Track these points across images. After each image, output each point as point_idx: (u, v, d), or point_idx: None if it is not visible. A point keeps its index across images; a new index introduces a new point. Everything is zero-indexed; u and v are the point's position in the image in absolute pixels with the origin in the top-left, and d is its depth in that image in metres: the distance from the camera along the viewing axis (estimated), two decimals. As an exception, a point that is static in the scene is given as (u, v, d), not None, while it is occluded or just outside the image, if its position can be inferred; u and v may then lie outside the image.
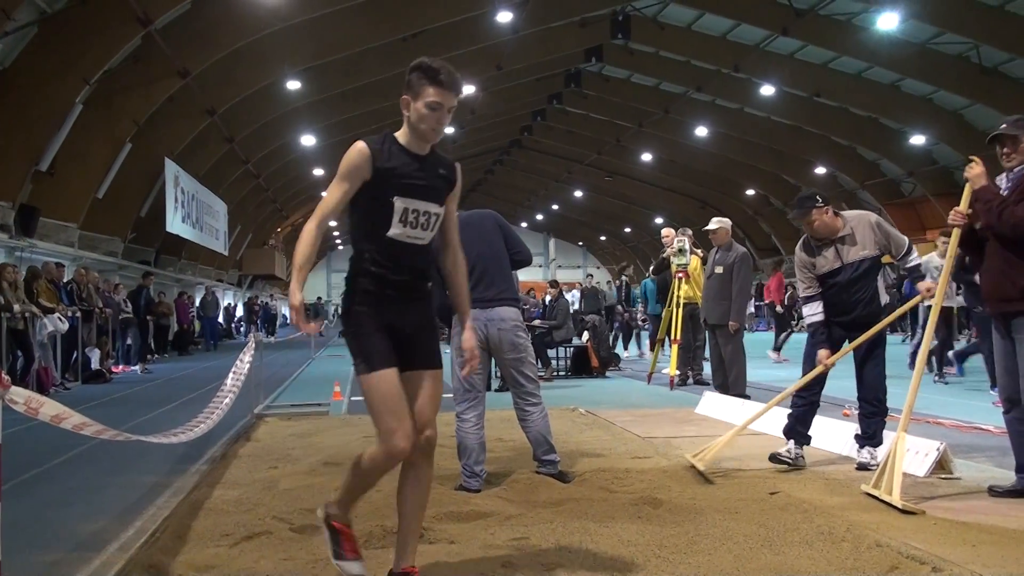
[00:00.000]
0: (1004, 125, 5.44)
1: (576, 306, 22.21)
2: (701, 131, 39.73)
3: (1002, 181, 5.50)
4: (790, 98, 35.97)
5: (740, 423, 7.16)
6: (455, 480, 6.02)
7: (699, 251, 13.98)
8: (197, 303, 32.47)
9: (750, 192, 48.67)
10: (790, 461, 6.48)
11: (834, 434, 7.29)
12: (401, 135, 4.01)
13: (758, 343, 20.99)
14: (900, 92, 33.94)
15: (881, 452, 6.20)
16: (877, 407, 6.45)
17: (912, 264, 6.55)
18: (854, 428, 6.86)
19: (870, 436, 6.47)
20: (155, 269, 31.07)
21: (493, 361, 6.55)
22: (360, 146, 3.88)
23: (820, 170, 41.74)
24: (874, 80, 33.57)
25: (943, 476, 6.04)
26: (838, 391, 11.92)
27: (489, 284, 5.99)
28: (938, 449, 6.12)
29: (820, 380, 6.60)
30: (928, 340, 6.17)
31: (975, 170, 5.50)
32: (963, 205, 5.68)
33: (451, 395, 6.17)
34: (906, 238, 6.71)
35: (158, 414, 11.01)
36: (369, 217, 3.82)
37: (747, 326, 15.98)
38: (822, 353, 6.43)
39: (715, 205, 47.27)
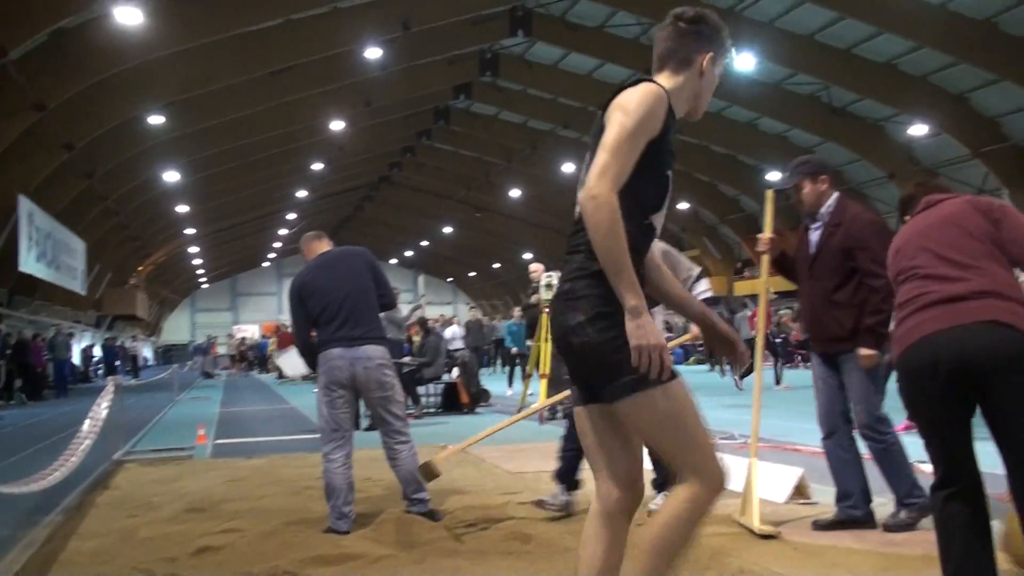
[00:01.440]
0: (782, 177, 5.51)
1: (458, 342, 22.01)
2: (568, 167, 40.34)
3: (815, 235, 5.49)
4: (654, 136, 36.86)
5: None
6: (323, 523, 5.91)
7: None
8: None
9: (617, 227, 49.56)
10: (556, 509, 6.10)
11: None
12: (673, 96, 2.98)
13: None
14: (757, 130, 35.22)
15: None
16: None
17: (699, 293, 6.24)
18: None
19: None
20: (7, 311, 29.75)
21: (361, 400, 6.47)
22: (657, 89, 2.90)
23: (683, 205, 42.83)
24: (732, 119, 34.73)
25: (802, 501, 6.22)
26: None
27: (356, 323, 5.94)
28: (796, 475, 6.31)
29: None
30: (760, 369, 6.29)
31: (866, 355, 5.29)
32: (767, 231, 5.72)
33: (317, 435, 6.09)
34: (697, 267, 6.46)
35: (6, 465, 10.50)
36: (635, 193, 2.85)
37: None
38: None
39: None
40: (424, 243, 64.99)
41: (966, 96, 28.46)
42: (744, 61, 27.69)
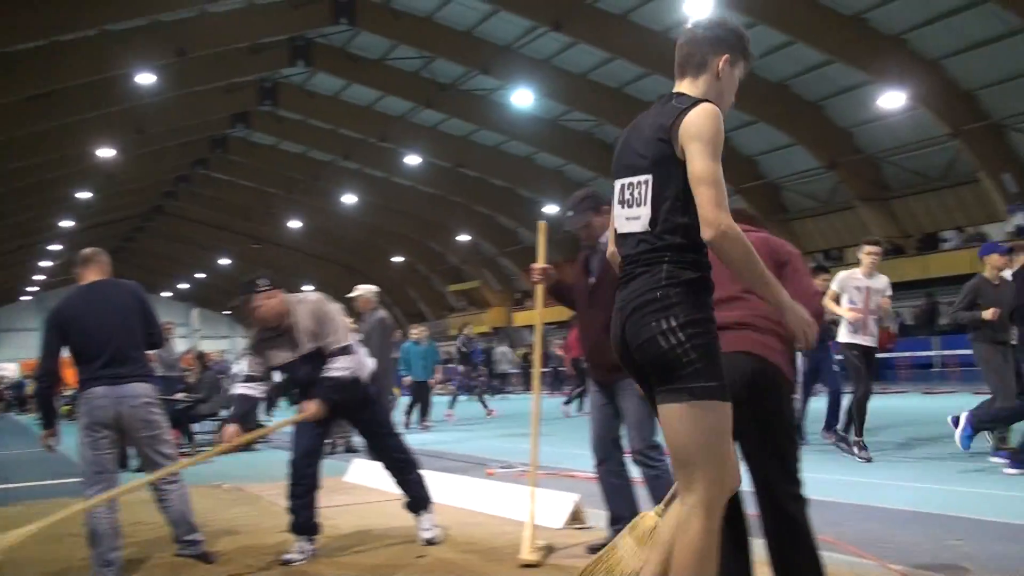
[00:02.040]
0: (569, 216, 5.47)
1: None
2: (349, 199, 40.18)
3: (595, 264, 5.50)
4: (434, 168, 37.24)
5: (391, 489, 7.16)
6: (86, 571, 5.58)
7: (346, 319, 14.02)
8: None
9: (398, 259, 49.65)
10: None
11: (477, 494, 7.51)
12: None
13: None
14: (535, 164, 36.17)
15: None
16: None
17: (331, 369, 5.75)
18: (497, 487, 7.08)
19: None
20: None
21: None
22: (714, 108, 3.05)
23: (463, 238, 43.38)
24: (511, 153, 35.53)
25: (578, 527, 6.36)
26: (480, 450, 12.34)
27: (123, 360, 5.65)
28: (572, 501, 6.46)
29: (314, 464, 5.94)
30: (537, 397, 6.18)
31: None
32: (540, 261, 5.72)
33: (80, 479, 5.76)
34: (349, 340, 5.92)
35: None
36: (692, 210, 3.01)
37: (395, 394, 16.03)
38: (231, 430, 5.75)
39: (363, 272, 47.81)
40: (200, 275, 62.86)
41: (727, 136, 30.03)
42: (522, 97, 28.40)
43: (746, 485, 3.69)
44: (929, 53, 23.68)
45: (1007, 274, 8.60)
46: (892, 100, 24.04)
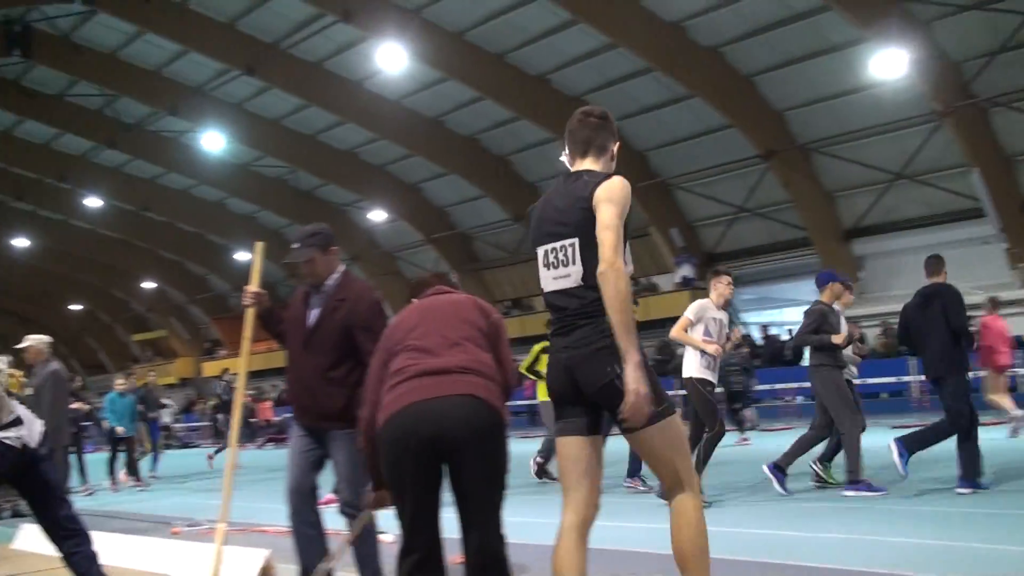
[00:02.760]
0: (294, 247, 5.26)
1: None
2: (22, 242, 37.25)
3: (315, 307, 5.21)
4: (118, 211, 35.42)
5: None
6: None
7: (16, 371, 12.96)
8: None
9: (76, 307, 46.56)
10: None
11: (161, 555, 7.13)
12: None
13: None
14: (226, 210, 35.21)
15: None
16: None
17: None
18: (182, 547, 6.75)
19: None
20: None
21: None
22: (624, 180, 3.71)
23: (149, 285, 41.41)
24: (201, 197, 34.43)
25: (265, 584, 6.16)
26: (167, 508, 11.73)
27: None
28: (263, 557, 6.26)
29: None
30: (235, 444, 5.94)
31: None
32: (254, 284, 5.41)
33: None
34: (13, 414, 5.31)
35: None
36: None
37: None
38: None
39: (36, 320, 44.39)
40: None
41: (420, 186, 30.72)
42: (213, 141, 27.66)
43: (451, 532, 3.74)
44: None
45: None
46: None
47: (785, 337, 24.49)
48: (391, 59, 21.94)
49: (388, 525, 4.41)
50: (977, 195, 20.86)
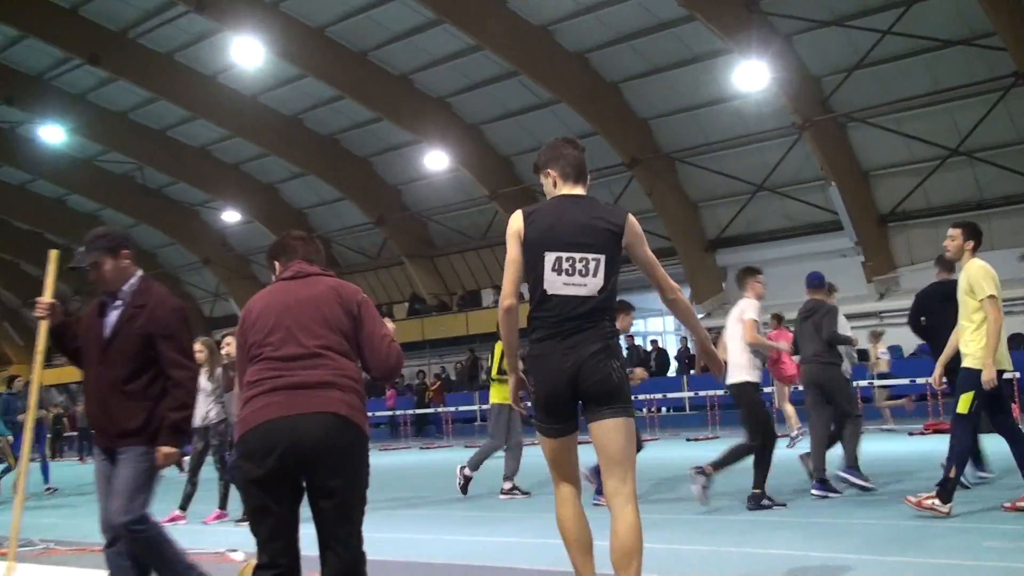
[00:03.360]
0: (80, 250, 4.86)
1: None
2: None
3: (112, 316, 4.78)
4: (-56, 206, 33.16)
5: None
6: None
7: None
8: None
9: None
10: None
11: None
12: None
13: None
14: (66, 207, 33.48)
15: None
16: None
17: None
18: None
19: None
20: None
21: None
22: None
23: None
24: (39, 193, 32.64)
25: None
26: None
27: None
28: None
29: None
30: (25, 464, 5.44)
31: None
32: (47, 295, 4.91)
33: None
34: None
35: None
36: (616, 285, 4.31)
37: None
38: None
39: None
40: None
41: (276, 186, 29.87)
42: (52, 133, 26.15)
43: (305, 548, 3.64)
44: (470, 118, 24.86)
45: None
46: (437, 161, 24.74)
47: (649, 348, 24.42)
48: (246, 53, 21.35)
49: (238, 543, 3.94)
50: (835, 208, 21.26)
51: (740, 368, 7.92)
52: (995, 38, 18.05)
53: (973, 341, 6.57)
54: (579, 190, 4.25)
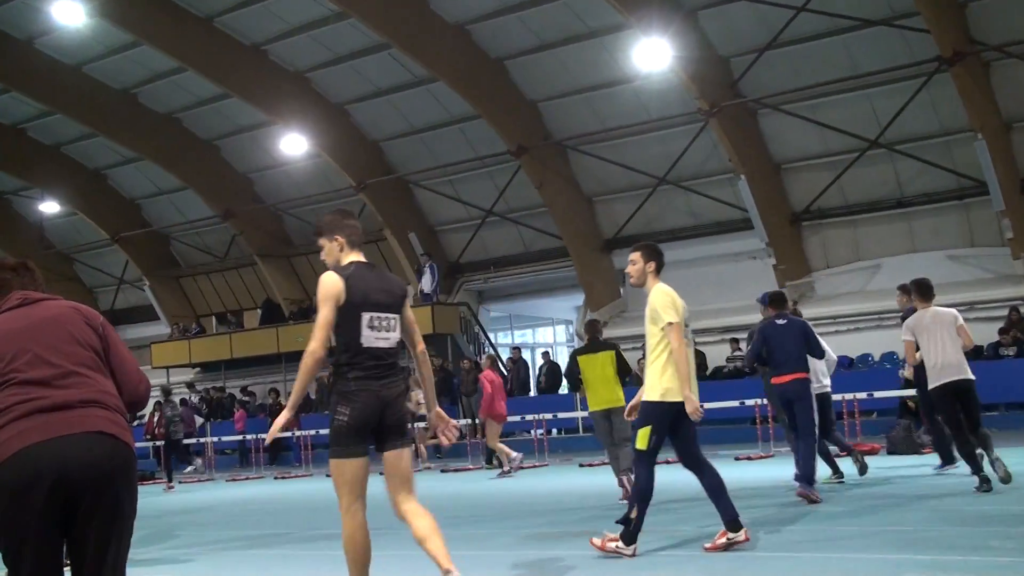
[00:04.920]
0: None
1: None
2: None
3: None
4: None
5: None
6: None
7: None
8: None
9: None
10: None
11: None
12: None
13: None
14: None
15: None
16: None
17: None
18: None
19: None
20: None
21: None
22: None
23: None
24: None
25: None
26: None
27: None
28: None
29: None
30: None
31: None
32: None
33: None
34: None
35: None
36: None
37: None
38: None
39: None
40: None
41: (105, 172, 27.43)
42: None
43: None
44: (334, 96, 22.92)
45: None
46: (294, 145, 22.53)
47: (540, 362, 22.36)
48: (67, 14, 19.08)
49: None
50: (744, 205, 19.75)
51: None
52: (918, 18, 16.84)
53: (652, 372, 6.43)
54: (362, 256, 5.10)
